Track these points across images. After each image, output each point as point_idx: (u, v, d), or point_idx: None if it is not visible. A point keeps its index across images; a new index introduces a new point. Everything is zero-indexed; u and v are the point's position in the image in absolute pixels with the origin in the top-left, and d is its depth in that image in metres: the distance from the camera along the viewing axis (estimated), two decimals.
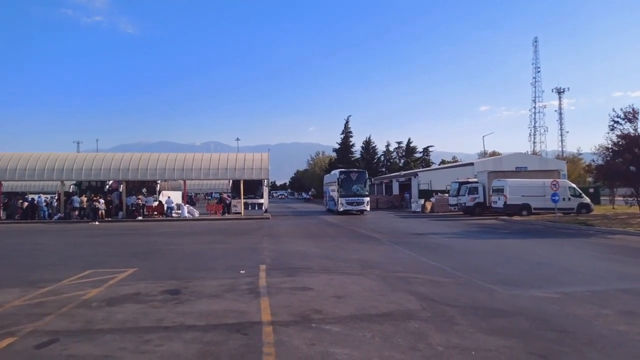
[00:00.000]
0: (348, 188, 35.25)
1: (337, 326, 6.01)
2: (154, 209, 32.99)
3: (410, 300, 7.44)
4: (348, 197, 34.92)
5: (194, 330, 5.89)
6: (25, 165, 30.96)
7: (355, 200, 34.82)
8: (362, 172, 37.67)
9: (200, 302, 7.43)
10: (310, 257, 12.59)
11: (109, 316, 6.62)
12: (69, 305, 7.25)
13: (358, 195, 35.12)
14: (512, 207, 27.98)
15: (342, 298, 7.60)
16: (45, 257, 13.59)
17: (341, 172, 36.96)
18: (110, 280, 9.34)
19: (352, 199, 34.84)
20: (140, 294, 8.02)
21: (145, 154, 33.06)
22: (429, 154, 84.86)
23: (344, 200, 34.75)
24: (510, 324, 6.14)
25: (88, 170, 31.22)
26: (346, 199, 34.87)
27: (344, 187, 35.25)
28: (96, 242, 17.54)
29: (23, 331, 5.90)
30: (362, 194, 35.36)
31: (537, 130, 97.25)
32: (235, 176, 32.89)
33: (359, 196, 35.03)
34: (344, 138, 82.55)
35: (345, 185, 35.38)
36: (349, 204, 34.65)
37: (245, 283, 8.94)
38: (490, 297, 7.67)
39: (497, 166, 39.47)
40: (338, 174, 36.54)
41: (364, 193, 35.58)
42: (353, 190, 35.24)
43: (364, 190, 35.62)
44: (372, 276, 9.59)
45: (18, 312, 6.89)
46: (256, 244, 16.06)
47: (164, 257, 13.04)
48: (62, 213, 31.03)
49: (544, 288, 8.42)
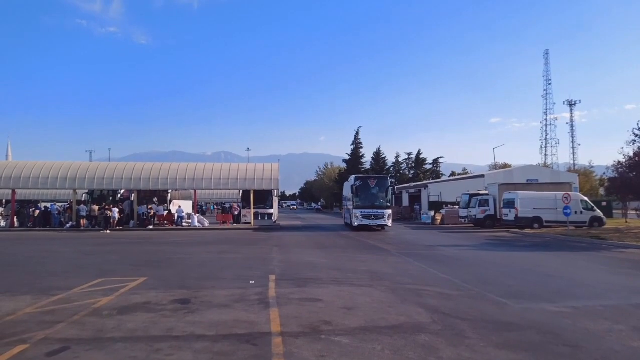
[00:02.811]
0: (365, 197, 28.66)
1: (346, 338, 5.99)
2: (164, 218, 33.24)
3: (420, 313, 7.39)
4: (364, 209, 28.22)
5: (204, 340, 5.90)
6: (38, 174, 31.37)
7: (374, 212, 28.07)
8: (383, 178, 30.93)
9: (210, 312, 7.45)
10: (320, 268, 12.57)
11: (119, 325, 6.66)
12: (80, 314, 7.31)
13: (377, 207, 28.37)
14: (524, 219, 27.77)
15: (352, 310, 7.57)
16: (56, 265, 13.71)
17: (357, 177, 30.15)
18: (121, 288, 9.40)
19: (369, 211, 28.12)
20: (150, 303, 8.07)
21: (156, 164, 33.38)
22: (439, 165, 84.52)
23: (359, 213, 28.17)
24: (522, 338, 6.08)
25: (100, 179, 31.56)
26: (362, 211, 28.19)
27: (360, 197, 28.68)
28: (107, 251, 17.67)
29: (35, 339, 5.96)
30: (382, 206, 28.59)
31: (549, 142, 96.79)
32: (246, 186, 33.05)
33: (378, 208, 28.30)
34: (354, 149, 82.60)
35: (361, 194, 28.74)
36: (366, 217, 28.01)
37: (254, 293, 8.94)
38: (501, 311, 7.60)
39: (508, 178, 39.26)
40: (353, 180, 29.90)
41: (385, 204, 28.73)
42: (371, 200, 28.65)
43: (385, 201, 28.89)
44: (382, 288, 9.55)
45: (30, 320, 6.96)
46: (265, 254, 16.08)
47: (174, 267, 13.10)
48: (74, 221, 31.34)
49: (556, 302, 8.32)
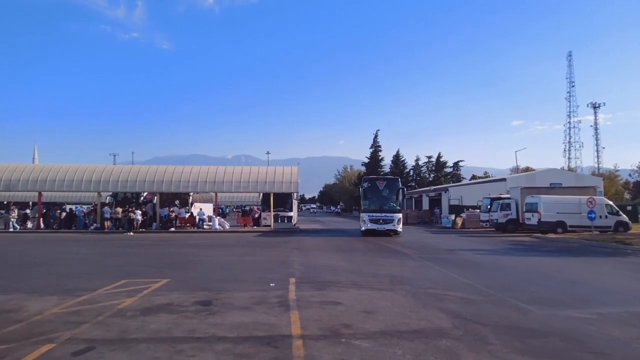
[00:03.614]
0: (373, 200, 27.13)
1: (366, 342, 5.98)
2: (186, 221, 33.67)
3: (441, 317, 7.34)
4: (372, 213, 26.64)
5: (225, 342, 5.97)
6: (64, 177, 32.13)
7: (382, 217, 26.35)
8: (393, 179, 28.85)
9: (231, 313, 7.53)
10: (339, 272, 12.57)
11: (143, 326, 6.78)
12: (105, 314, 7.46)
13: (386, 210, 26.64)
14: (547, 224, 27.27)
15: (372, 313, 7.56)
16: (81, 266, 14.02)
17: (365, 179, 28.84)
18: (144, 290, 9.57)
19: (377, 215, 26.47)
20: (173, 305, 8.19)
21: (178, 167, 33.87)
22: (459, 168, 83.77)
23: (367, 217, 26.62)
24: (545, 345, 5.99)
25: (124, 182, 32.17)
26: (369, 214, 26.65)
27: (369, 199, 27.24)
28: (130, 253, 18.00)
29: (61, 338, 6.11)
30: (392, 209, 26.78)
31: (572, 145, 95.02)
32: (266, 189, 33.29)
33: (386, 212, 26.54)
34: (373, 152, 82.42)
35: (370, 196, 27.29)
36: (373, 221, 26.38)
37: (275, 296, 9.00)
38: (524, 317, 7.49)
39: (530, 182, 38.64)
40: (362, 181, 28.80)
41: (395, 208, 26.89)
42: (379, 203, 26.93)
43: (395, 204, 27.00)
44: (402, 292, 9.51)
45: (56, 320, 7.13)
46: (285, 257, 16.15)
47: (196, 269, 13.27)
48: (98, 223, 31.97)
49: (580, 308, 8.17)
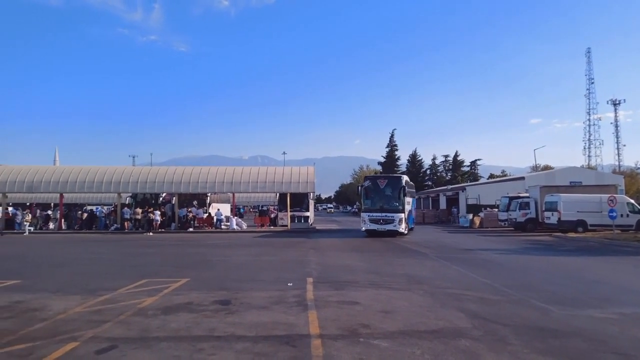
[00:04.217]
0: (373, 200, 25.98)
1: (385, 341, 5.98)
2: (204, 221, 34.00)
3: (460, 317, 7.29)
4: (372, 213, 25.53)
5: (245, 341, 6.02)
6: (84, 178, 32.74)
7: (382, 216, 25.09)
8: (395, 178, 27.44)
9: (249, 313, 7.59)
10: (357, 271, 12.57)
11: (163, 324, 6.88)
12: (126, 313, 7.58)
13: (386, 210, 25.24)
14: (567, 223, 26.86)
15: (390, 313, 7.55)
16: (103, 266, 14.26)
17: (366, 177, 27.76)
18: (164, 289, 9.70)
19: (377, 214, 25.29)
20: (192, 304, 8.29)
21: (196, 168, 34.23)
22: (477, 167, 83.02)
23: (367, 217, 25.55)
24: (567, 345, 5.91)
25: (143, 183, 32.63)
26: (369, 214, 25.56)
27: (369, 199, 26.13)
28: (150, 253, 18.26)
29: (84, 337, 6.23)
30: (393, 209, 25.22)
31: (592, 143, 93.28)
32: (282, 189, 33.47)
33: (387, 211, 25.15)
34: (389, 151, 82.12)
35: (370, 196, 26.19)
36: (373, 221, 25.26)
37: (293, 295, 9.04)
38: (545, 317, 7.40)
39: (549, 181, 38.10)
40: (363, 180, 27.56)
41: (397, 207, 25.20)
42: (379, 202, 25.67)
43: (397, 203, 25.28)
44: (420, 292, 9.46)
45: (79, 319, 7.27)
46: (302, 256, 16.21)
47: (214, 268, 13.40)
48: (118, 224, 32.46)
49: (602, 308, 8.03)
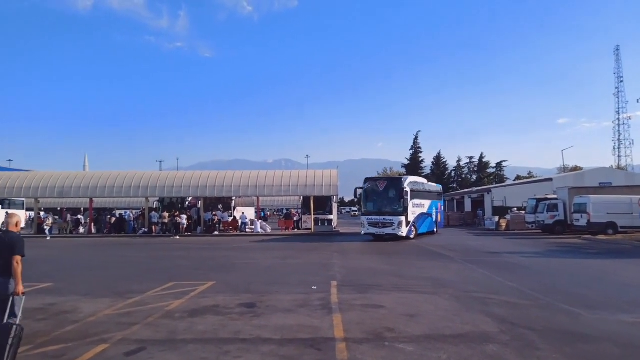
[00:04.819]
0: (372, 202, 25.34)
1: (410, 345, 5.96)
2: (229, 225, 34.37)
3: (487, 322, 7.19)
4: (371, 216, 24.89)
5: (270, 344, 6.09)
6: (113, 183, 33.44)
7: (381, 220, 24.28)
8: (394, 180, 26.50)
9: (275, 316, 7.66)
10: (381, 274, 12.53)
11: (190, 327, 7.01)
12: (154, 316, 7.75)
13: (385, 213, 24.35)
14: (596, 225, 26.16)
15: (415, 317, 7.51)
16: (131, 269, 14.59)
17: (366, 179, 26.42)
18: (191, 292, 9.86)
19: (375, 218, 24.55)
20: (219, 307, 8.41)
21: (221, 172, 34.62)
22: (503, 169, 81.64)
23: (366, 220, 25.02)
24: (597, 350, 5.78)
25: (170, 187, 33.17)
26: (368, 218, 24.96)
27: (369, 202, 25.53)
28: (177, 256, 18.56)
29: (114, 339, 6.39)
30: (392, 212, 24.24)
31: (622, 143, 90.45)
32: (306, 193, 33.52)
33: (386, 214, 24.27)
34: (413, 154, 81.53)
35: (370, 198, 25.51)
36: (372, 225, 24.58)
37: (317, 299, 9.08)
38: (574, 321, 7.25)
39: (578, 182, 37.19)
40: (363, 182, 26.38)
41: (397, 210, 24.17)
42: (378, 205, 24.95)
43: (397, 206, 24.22)
44: (445, 296, 9.38)
45: (109, 321, 7.45)
46: (326, 260, 16.21)
47: (240, 271, 13.55)
48: (146, 228, 33.08)
49: (633, 312, 7.83)
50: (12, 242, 5.49)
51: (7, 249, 5.46)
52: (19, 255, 5.48)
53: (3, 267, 5.45)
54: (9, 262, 5.41)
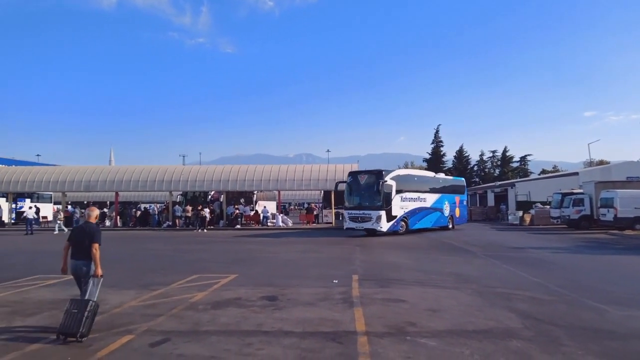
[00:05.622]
0: (353, 196, 24.61)
1: (432, 340, 5.92)
2: (251, 218, 34.69)
3: (511, 317, 7.10)
4: (351, 210, 24.39)
5: (292, 337, 6.13)
6: (138, 177, 34.07)
7: (360, 214, 23.78)
8: (374, 173, 24.61)
9: (296, 309, 7.70)
10: (402, 269, 12.48)
11: (213, 319, 7.10)
12: (178, 307, 7.87)
13: (364, 207, 23.76)
14: (624, 220, 25.52)
15: (437, 312, 7.46)
16: (156, 262, 14.81)
17: (350, 173, 25.92)
18: (214, 284, 9.99)
19: (354, 212, 24.10)
20: (241, 299, 8.50)
21: (243, 166, 34.89)
22: (527, 163, 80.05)
23: (347, 214, 24.61)
24: (625, 348, 5.66)
25: (193, 181, 33.62)
26: (349, 212, 24.48)
27: (350, 196, 24.73)
28: (200, 249, 18.82)
29: (139, 330, 6.52)
30: (371, 206, 23.54)
31: None
32: (327, 187, 33.51)
33: (365, 209, 23.68)
34: (434, 147, 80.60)
35: (352, 192, 24.67)
36: (352, 219, 24.16)
37: (338, 292, 9.09)
38: (601, 318, 7.10)
39: (605, 176, 36.30)
40: (347, 176, 25.79)
41: (375, 204, 23.37)
42: (358, 199, 24.36)
43: (376, 200, 23.36)
44: (468, 291, 9.29)
45: (134, 312, 7.60)
46: (348, 254, 16.20)
47: (262, 264, 13.65)
48: (170, 221, 33.62)
49: None
50: (92, 232, 6.53)
51: (88, 237, 6.47)
52: (97, 243, 6.46)
53: (84, 252, 6.45)
54: (89, 249, 6.41)
